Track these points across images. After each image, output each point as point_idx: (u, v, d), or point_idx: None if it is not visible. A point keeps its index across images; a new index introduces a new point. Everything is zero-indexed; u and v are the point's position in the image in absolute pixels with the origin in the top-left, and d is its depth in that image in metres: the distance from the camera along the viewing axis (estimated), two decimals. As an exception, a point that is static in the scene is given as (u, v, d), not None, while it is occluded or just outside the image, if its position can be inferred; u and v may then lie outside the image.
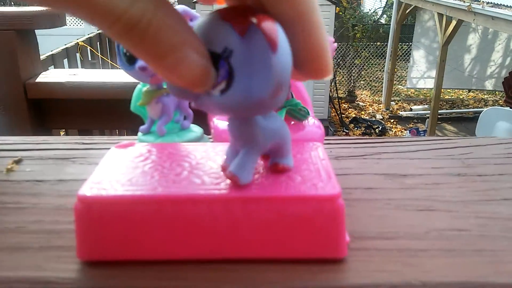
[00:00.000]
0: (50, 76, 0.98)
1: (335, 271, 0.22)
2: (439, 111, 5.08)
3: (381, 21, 8.10)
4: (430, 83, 6.01)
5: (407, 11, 5.79)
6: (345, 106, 6.24)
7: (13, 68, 0.91)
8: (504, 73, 5.65)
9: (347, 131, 5.23)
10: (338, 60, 6.71)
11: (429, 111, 5.16)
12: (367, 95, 6.89)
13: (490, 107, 4.30)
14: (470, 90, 6.39)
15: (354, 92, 6.70)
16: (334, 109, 5.76)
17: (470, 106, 6.15)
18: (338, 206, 0.21)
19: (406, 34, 6.58)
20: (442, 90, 5.08)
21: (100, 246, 0.22)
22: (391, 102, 6.22)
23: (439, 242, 0.24)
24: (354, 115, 5.80)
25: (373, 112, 6.11)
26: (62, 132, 1.32)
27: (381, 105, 6.31)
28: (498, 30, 3.89)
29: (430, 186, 0.31)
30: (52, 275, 0.21)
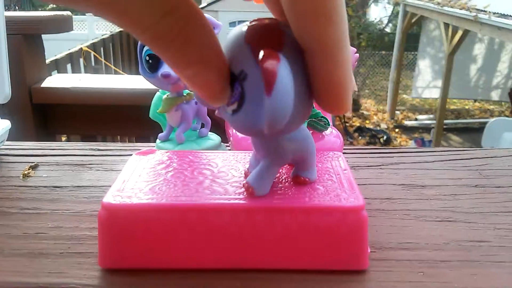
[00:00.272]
0: (55, 81, 0.98)
1: (357, 282, 0.22)
2: (445, 121, 5.06)
3: (386, 30, 8.12)
4: (435, 93, 6.00)
5: (413, 20, 5.79)
6: (349, 115, 6.22)
7: (19, 72, 0.91)
8: (510, 83, 5.64)
9: (352, 140, 5.21)
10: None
11: (434, 121, 5.14)
12: (372, 104, 6.87)
13: (496, 118, 4.30)
14: (476, 100, 6.37)
15: (359, 101, 6.69)
16: (338, 117, 5.75)
17: (475, 117, 6.12)
18: (362, 218, 0.21)
19: (411, 43, 6.57)
20: (448, 99, 5.07)
21: (123, 254, 0.22)
22: (396, 112, 6.20)
23: (459, 253, 0.24)
24: (358, 124, 5.79)
25: (377, 121, 6.09)
26: (64, 137, 1.28)
27: (385, 114, 6.30)
28: (504, 40, 3.88)
29: (448, 197, 0.31)
30: (74, 282, 0.21)
